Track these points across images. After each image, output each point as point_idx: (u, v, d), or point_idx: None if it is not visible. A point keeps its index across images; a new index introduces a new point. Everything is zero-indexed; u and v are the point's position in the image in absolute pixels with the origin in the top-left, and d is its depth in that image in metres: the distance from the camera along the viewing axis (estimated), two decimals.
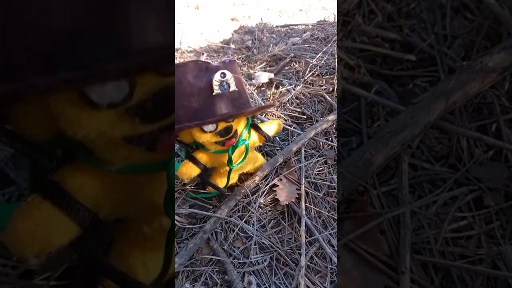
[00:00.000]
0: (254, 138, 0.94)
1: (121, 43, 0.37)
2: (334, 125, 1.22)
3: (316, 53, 1.54)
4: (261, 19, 2.10)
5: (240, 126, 0.86)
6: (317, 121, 1.25)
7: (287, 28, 1.90)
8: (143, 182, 0.53)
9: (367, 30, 1.01)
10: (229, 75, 0.78)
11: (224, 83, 0.78)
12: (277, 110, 1.30)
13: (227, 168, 0.92)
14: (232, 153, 0.87)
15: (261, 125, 0.96)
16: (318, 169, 1.13)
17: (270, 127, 0.97)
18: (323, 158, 1.16)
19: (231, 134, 0.83)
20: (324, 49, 1.50)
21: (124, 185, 0.52)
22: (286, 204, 1.02)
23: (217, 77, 0.77)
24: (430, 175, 0.84)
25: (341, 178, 0.74)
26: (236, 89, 0.80)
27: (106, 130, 0.45)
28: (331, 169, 1.13)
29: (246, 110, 0.81)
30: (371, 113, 0.94)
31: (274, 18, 4.67)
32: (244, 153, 0.92)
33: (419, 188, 0.84)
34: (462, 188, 0.82)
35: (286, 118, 1.27)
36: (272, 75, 1.44)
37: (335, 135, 1.20)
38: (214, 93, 0.77)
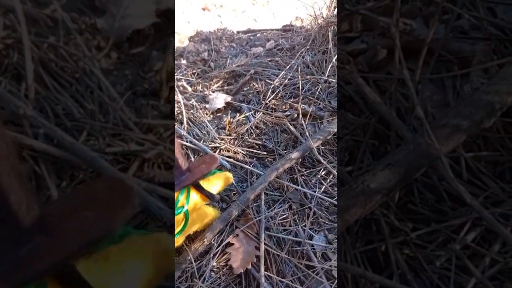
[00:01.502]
0: (195, 199, 0.76)
1: None
2: (300, 161, 1.05)
3: (279, 69, 1.36)
4: (220, 22, 1.90)
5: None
6: (279, 154, 1.09)
7: (249, 35, 1.71)
8: None
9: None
10: None
11: None
12: (233, 144, 1.12)
13: None
14: None
15: (204, 182, 0.78)
16: (281, 218, 0.97)
17: (215, 184, 0.80)
18: (287, 203, 0.99)
19: None
20: (288, 65, 1.32)
21: None
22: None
23: None
24: None
25: None
26: None
27: None
28: (296, 216, 0.97)
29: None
30: None
31: (247, 7, 4.44)
32: (184, 222, 0.74)
33: None
34: None
35: (244, 153, 1.09)
36: (229, 98, 1.25)
37: (301, 173, 1.04)
38: None
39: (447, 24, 0.79)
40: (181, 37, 4.10)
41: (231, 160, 1.07)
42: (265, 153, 1.09)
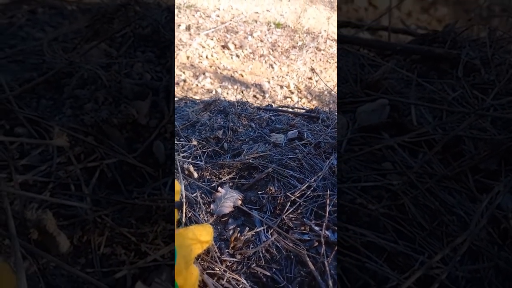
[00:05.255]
0: None
1: None
2: None
3: (301, 172, 1.18)
4: (241, 92, 1.75)
5: None
6: None
7: (270, 114, 1.55)
8: None
9: None
10: None
11: None
12: (236, 269, 0.90)
13: None
14: None
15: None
16: None
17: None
18: None
19: None
20: (312, 178, 1.14)
21: None
22: None
23: None
24: None
25: None
26: None
27: None
28: None
29: None
30: None
31: (266, 51, 4.40)
32: None
33: None
34: None
35: (246, 287, 0.88)
36: (239, 202, 1.06)
37: None
38: None
39: None
40: (197, 71, 4.01)
41: None
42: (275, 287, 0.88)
